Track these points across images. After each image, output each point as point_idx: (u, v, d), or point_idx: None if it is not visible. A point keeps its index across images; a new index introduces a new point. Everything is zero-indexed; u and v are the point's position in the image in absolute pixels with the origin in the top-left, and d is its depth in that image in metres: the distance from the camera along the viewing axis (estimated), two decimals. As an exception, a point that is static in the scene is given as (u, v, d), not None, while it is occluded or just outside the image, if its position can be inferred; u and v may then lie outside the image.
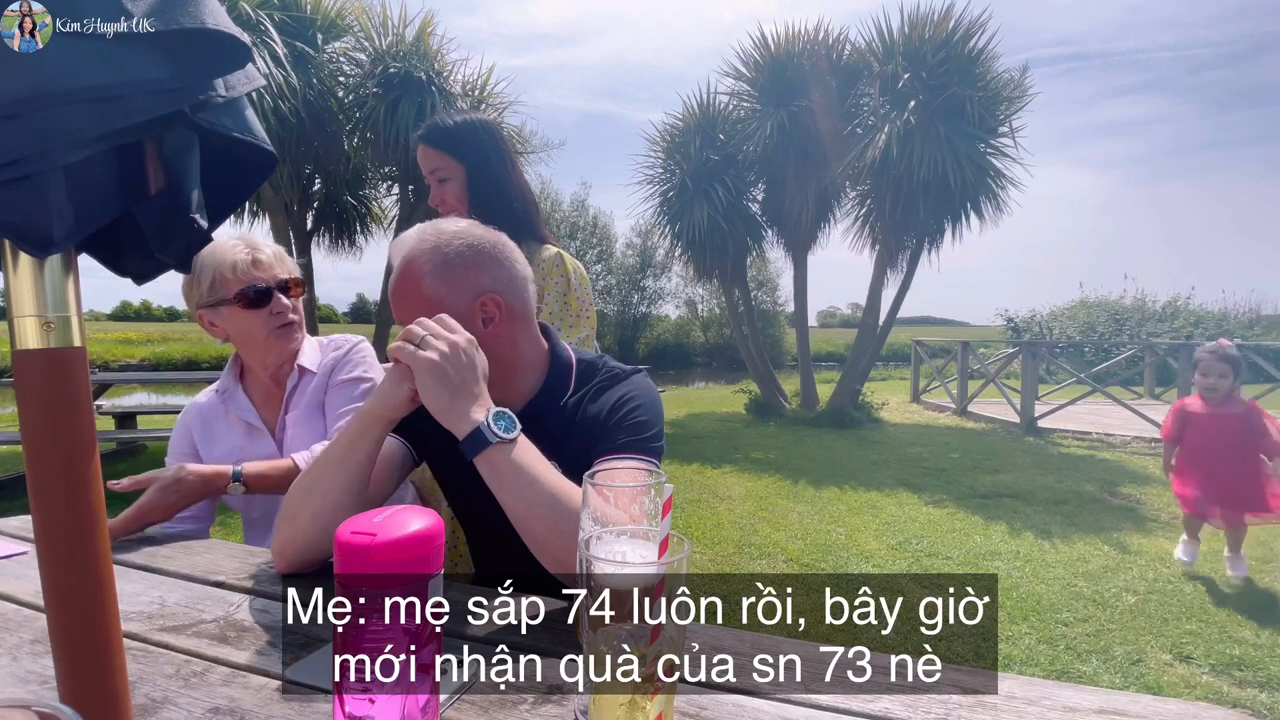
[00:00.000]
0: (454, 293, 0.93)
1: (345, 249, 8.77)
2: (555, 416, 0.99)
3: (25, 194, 0.42)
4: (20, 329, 0.45)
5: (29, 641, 0.74)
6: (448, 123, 1.51)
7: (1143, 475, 5.18)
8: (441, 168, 1.50)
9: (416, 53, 6.86)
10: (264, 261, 1.29)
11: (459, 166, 1.49)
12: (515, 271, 0.98)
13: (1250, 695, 2.15)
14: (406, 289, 0.94)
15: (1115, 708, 0.59)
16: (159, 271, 0.55)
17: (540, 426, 0.94)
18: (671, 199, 8.98)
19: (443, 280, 0.93)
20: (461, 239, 0.95)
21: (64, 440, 0.46)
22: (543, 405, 1.00)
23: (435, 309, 0.90)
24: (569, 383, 1.02)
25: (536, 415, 0.98)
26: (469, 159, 1.49)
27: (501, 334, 0.96)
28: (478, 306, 0.94)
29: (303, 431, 1.32)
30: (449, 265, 0.94)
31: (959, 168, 7.10)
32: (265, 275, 1.28)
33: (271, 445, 1.32)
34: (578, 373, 1.03)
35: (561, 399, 1.01)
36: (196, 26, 0.44)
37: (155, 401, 9.81)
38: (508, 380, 0.99)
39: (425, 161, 1.52)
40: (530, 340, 1.01)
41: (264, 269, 1.28)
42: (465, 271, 0.94)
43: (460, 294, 0.93)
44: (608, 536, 0.54)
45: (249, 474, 1.18)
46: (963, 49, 7.39)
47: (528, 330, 1.01)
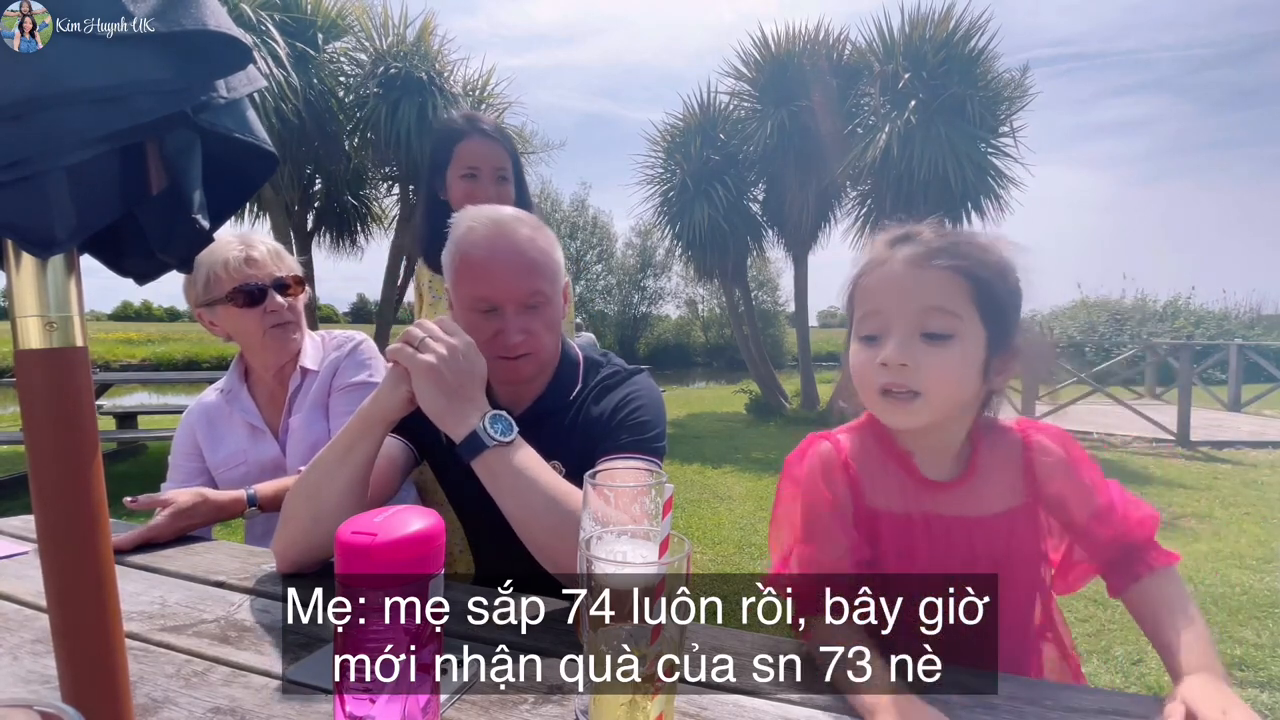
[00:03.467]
0: (560, 269, 0.99)
1: (346, 249, 8.77)
2: (562, 412, 1.01)
3: (28, 194, 0.42)
4: (22, 329, 0.45)
5: (30, 641, 0.74)
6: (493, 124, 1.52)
7: (1144, 475, 5.18)
8: (506, 167, 1.51)
9: (417, 53, 6.87)
10: (258, 259, 1.26)
11: (514, 173, 1.52)
12: None
13: (1251, 695, 2.15)
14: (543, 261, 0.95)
15: (1115, 708, 0.59)
16: (160, 272, 0.55)
17: (547, 421, 0.98)
18: (672, 199, 8.98)
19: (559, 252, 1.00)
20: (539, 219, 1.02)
21: (66, 440, 0.46)
22: (551, 400, 1.01)
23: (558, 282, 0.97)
24: (577, 379, 1.04)
25: (545, 410, 1.00)
26: (518, 168, 1.53)
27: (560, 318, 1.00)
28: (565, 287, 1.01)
29: (306, 434, 1.31)
30: (555, 243, 0.99)
31: (959, 168, 7.10)
32: (259, 273, 1.25)
33: (275, 447, 1.31)
34: (584, 370, 1.05)
35: (569, 395, 1.02)
36: (198, 28, 0.44)
37: (156, 401, 9.81)
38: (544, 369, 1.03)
39: (491, 156, 1.49)
40: None
41: (258, 267, 1.25)
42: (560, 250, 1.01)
43: (562, 270, 1.00)
44: (608, 536, 0.54)
45: (263, 496, 1.17)
46: (963, 49, 7.38)
47: None
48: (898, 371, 0.70)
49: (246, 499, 1.15)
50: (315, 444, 1.30)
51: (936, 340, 0.70)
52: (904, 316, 0.71)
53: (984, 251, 0.73)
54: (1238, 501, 4.37)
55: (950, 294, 0.70)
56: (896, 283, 0.72)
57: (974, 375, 0.72)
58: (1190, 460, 5.74)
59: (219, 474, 1.31)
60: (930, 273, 0.71)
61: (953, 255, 0.71)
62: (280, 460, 1.31)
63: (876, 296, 0.74)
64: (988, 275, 0.71)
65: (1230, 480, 4.97)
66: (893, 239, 0.76)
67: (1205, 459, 5.77)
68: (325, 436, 1.31)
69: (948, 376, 0.70)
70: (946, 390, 0.71)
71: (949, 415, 0.74)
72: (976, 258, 0.71)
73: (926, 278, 0.71)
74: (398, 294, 7.96)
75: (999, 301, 0.71)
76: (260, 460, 1.31)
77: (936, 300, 0.70)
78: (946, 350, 0.69)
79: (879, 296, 0.73)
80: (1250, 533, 3.74)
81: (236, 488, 1.26)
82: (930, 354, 0.69)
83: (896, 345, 0.70)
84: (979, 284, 0.70)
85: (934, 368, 0.69)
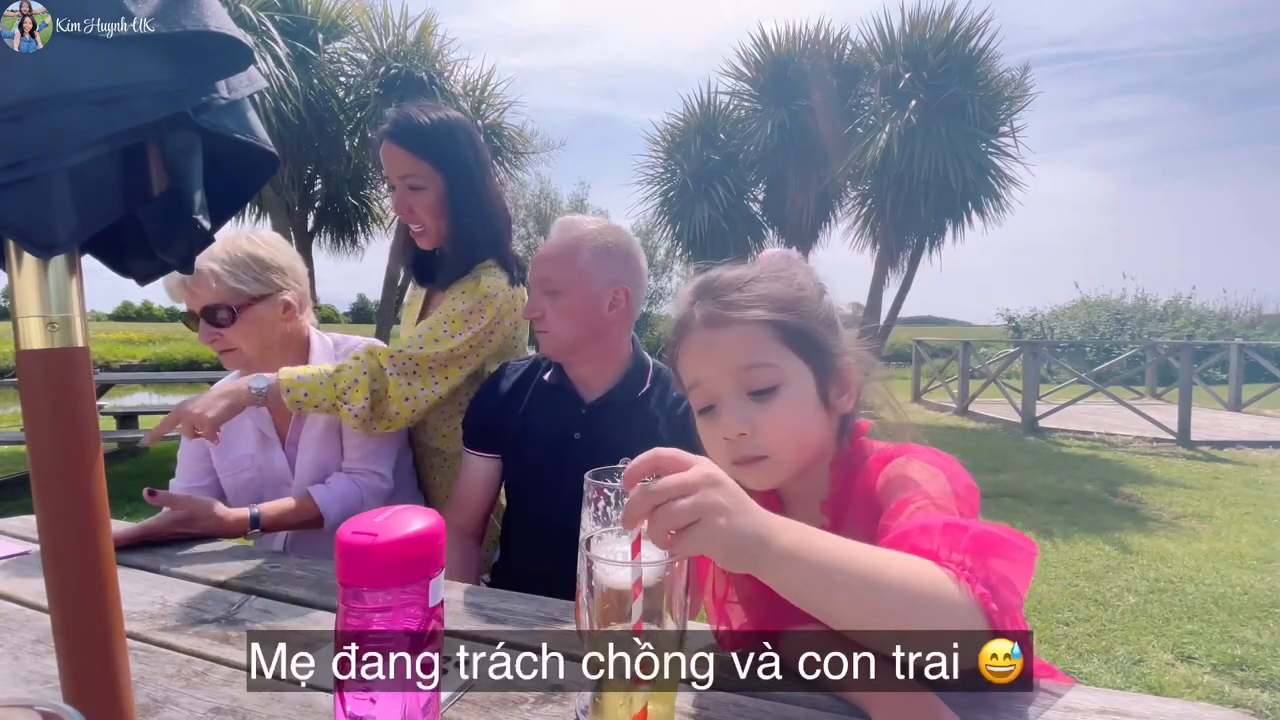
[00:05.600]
0: (599, 273, 1.12)
1: (346, 249, 8.78)
2: (629, 406, 1.17)
3: (29, 195, 0.42)
4: (24, 329, 0.45)
5: (31, 641, 0.74)
6: (422, 121, 1.26)
7: (1144, 475, 5.17)
8: (414, 174, 1.26)
9: (417, 53, 6.87)
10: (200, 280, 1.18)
11: (436, 177, 1.26)
12: (643, 279, 1.20)
13: (1252, 695, 2.15)
14: (565, 255, 1.12)
15: (1116, 708, 0.59)
16: (162, 272, 0.55)
17: (615, 411, 1.16)
18: (672, 199, 8.98)
19: (596, 260, 1.12)
20: (618, 235, 1.17)
21: (67, 440, 0.47)
22: (620, 394, 1.17)
23: (580, 277, 1.11)
24: (645, 380, 1.19)
25: (614, 401, 1.17)
26: (447, 169, 1.27)
27: (617, 321, 1.15)
28: (610, 292, 1.13)
29: (318, 453, 1.28)
30: (605, 251, 1.13)
31: (960, 167, 7.09)
32: (192, 299, 1.20)
33: (282, 459, 1.29)
34: (653, 375, 1.20)
35: (638, 392, 1.18)
36: (199, 29, 0.44)
37: (157, 402, 9.80)
38: (603, 363, 1.18)
39: (394, 165, 1.26)
40: (629, 337, 1.21)
41: (194, 289, 1.19)
42: (614, 261, 1.14)
43: (602, 276, 1.13)
44: (608, 536, 0.54)
45: (267, 518, 1.16)
46: (963, 49, 7.38)
47: (630, 329, 1.20)
48: (740, 443, 0.68)
49: (250, 519, 1.14)
50: (325, 464, 1.28)
51: (764, 395, 0.68)
52: (725, 382, 0.69)
53: (779, 285, 0.70)
54: (1238, 501, 4.37)
55: (760, 346, 0.68)
56: (706, 350, 0.70)
57: (814, 413, 0.70)
58: (1191, 460, 5.73)
59: (225, 477, 1.29)
60: (734, 331, 0.69)
61: (749, 305, 0.69)
62: (286, 474, 1.28)
63: (693, 368, 0.72)
64: (789, 313, 0.69)
65: (1231, 480, 4.97)
66: (693, 291, 0.73)
67: (1206, 459, 5.77)
68: (336, 457, 1.29)
69: (787, 428, 0.68)
70: (791, 442, 0.69)
71: (809, 460, 0.72)
72: (773, 298, 0.69)
73: (731, 338, 0.69)
74: (398, 294, 7.96)
75: (809, 334, 0.69)
76: (266, 468, 1.29)
77: (749, 358, 0.68)
78: (777, 402, 0.68)
79: (695, 368, 0.72)
80: (1251, 532, 3.74)
81: (242, 493, 1.28)
82: (763, 412, 0.67)
83: (729, 416, 0.68)
84: (783, 326, 0.68)
85: (770, 425, 0.67)
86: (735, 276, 0.72)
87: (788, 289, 0.71)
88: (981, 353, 10.04)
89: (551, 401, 1.18)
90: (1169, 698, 0.62)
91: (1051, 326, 16.36)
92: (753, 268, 0.74)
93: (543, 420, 1.17)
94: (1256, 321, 15.95)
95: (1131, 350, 9.29)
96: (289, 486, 1.28)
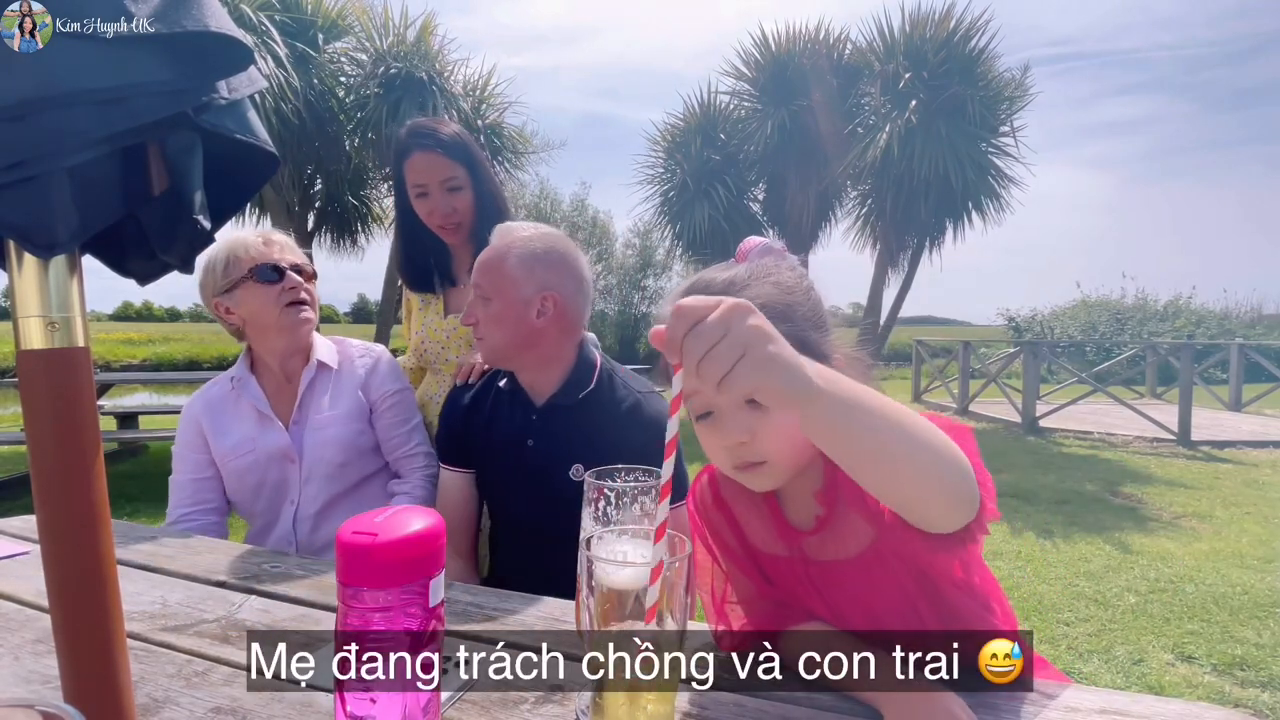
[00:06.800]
0: (526, 280, 1.11)
1: (347, 249, 8.77)
2: (572, 409, 1.16)
3: (30, 195, 0.42)
4: (24, 329, 0.46)
5: (32, 641, 0.74)
6: (446, 129, 1.46)
7: (1144, 475, 5.17)
8: (454, 177, 1.44)
9: (417, 53, 6.86)
10: (276, 242, 1.32)
11: (469, 178, 1.45)
12: (580, 285, 1.16)
13: (1253, 695, 2.15)
14: (493, 262, 1.12)
15: (1117, 708, 0.59)
16: (162, 272, 0.55)
17: (561, 414, 1.16)
18: (672, 199, 8.98)
19: (522, 266, 1.11)
20: (550, 241, 1.14)
21: (68, 440, 0.47)
22: (564, 396, 1.17)
23: (506, 284, 1.10)
24: (590, 381, 1.18)
25: (558, 405, 1.16)
26: (474, 170, 1.46)
27: (548, 328, 1.12)
28: (538, 299, 1.11)
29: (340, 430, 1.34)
30: (533, 258, 1.12)
31: (960, 167, 7.09)
32: (278, 255, 1.31)
33: (284, 436, 1.33)
34: (599, 375, 1.19)
35: (579, 394, 1.17)
36: (199, 29, 0.44)
37: (157, 402, 9.80)
38: (546, 369, 1.17)
39: (433, 170, 1.43)
40: (571, 343, 1.18)
41: (275, 249, 1.31)
42: (543, 268, 1.12)
43: (529, 283, 1.11)
44: (608, 536, 0.54)
45: None
46: (964, 48, 7.38)
47: (573, 335, 1.17)
48: (739, 450, 0.69)
49: None
50: (347, 442, 1.35)
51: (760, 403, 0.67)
52: None
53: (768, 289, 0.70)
54: (1239, 501, 4.37)
55: None
56: None
57: None
58: (1191, 460, 5.73)
59: (226, 462, 1.32)
60: None
61: None
62: (289, 449, 1.32)
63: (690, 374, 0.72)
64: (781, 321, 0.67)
65: (1231, 480, 4.97)
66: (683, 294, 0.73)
67: (1206, 459, 5.76)
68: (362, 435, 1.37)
69: (785, 434, 0.69)
70: (789, 447, 0.70)
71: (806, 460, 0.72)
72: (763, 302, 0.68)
73: None
74: (398, 294, 7.95)
75: (799, 336, 0.69)
76: (268, 448, 1.32)
77: None
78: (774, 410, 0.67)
79: None
80: (1251, 532, 3.73)
81: (244, 475, 1.32)
82: (761, 420, 0.68)
83: (728, 424, 0.68)
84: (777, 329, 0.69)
85: (768, 432, 0.68)
86: (726, 281, 0.72)
87: (777, 293, 0.71)
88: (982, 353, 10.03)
89: (509, 408, 1.21)
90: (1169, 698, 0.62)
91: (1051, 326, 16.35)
92: (741, 269, 0.74)
93: (501, 428, 1.20)
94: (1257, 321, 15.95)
95: (1132, 350, 9.28)
96: (293, 464, 1.32)
